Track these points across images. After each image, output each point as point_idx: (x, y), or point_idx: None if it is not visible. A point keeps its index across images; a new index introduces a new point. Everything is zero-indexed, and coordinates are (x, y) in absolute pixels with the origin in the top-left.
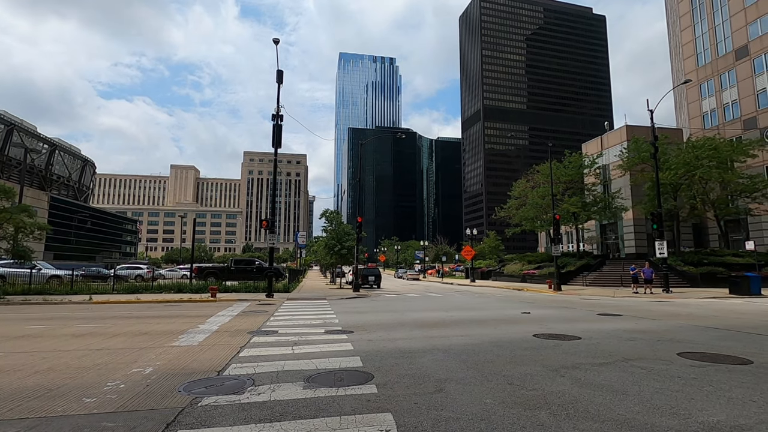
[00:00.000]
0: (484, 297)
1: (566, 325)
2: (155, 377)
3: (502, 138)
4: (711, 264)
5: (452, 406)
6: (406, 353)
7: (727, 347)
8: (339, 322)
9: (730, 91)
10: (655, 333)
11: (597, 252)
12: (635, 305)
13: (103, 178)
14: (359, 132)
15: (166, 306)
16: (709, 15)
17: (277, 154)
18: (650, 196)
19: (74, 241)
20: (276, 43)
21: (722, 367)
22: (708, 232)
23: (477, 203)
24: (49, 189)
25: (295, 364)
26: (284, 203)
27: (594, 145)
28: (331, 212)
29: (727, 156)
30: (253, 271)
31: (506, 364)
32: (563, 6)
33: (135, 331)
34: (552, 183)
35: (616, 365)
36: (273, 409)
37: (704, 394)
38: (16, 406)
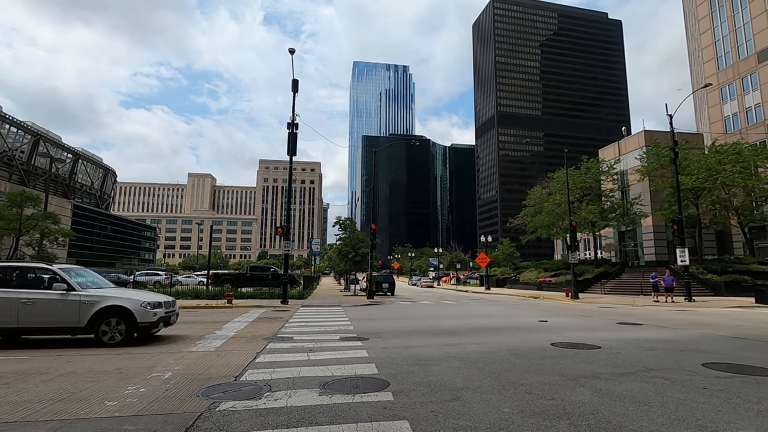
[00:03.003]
0: (500, 305)
1: (585, 333)
2: (174, 382)
3: (516, 144)
4: (735, 272)
5: (469, 415)
6: (422, 361)
7: (755, 358)
8: (354, 329)
9: (753, 94)
10: (678, 343)
11: (615, 259)
12: (656, 314)
13: (123, 186)
14: (373, 140)
15: (183, 312)
16: (730, 18)
17: (292, 162)
18: (670, 203)
19: (95, 247)
20: (292, 52)
21: (750, 379)
22: (732, 239)
23: (491, 210)
24: (72, 197)
25: (310, 371)
26: (299, 210)
27: (611, 151)
28: (345, 219)
29: (751, 161)
30: (268, 277)
31: (524, 372)
32: (578, 11)
33: (153, 336)
34: (568, 190)
35: (638, 375)
36: (290, 415)
37: (731, 407)
38: (42, 408)
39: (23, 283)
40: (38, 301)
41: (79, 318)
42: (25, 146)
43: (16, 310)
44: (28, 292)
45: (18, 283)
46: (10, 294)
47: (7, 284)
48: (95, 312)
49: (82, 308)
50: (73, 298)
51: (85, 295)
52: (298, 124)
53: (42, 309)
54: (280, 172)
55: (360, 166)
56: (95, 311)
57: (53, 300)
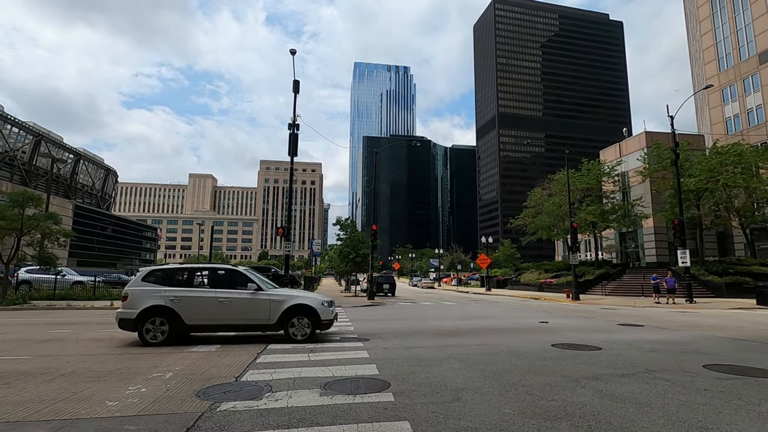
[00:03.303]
0: (501, 306)
1: (586, 335)
2: (175, 382)
3: (517, 145)
4: (736, 273)
5: (470, 416)
6: (423, 361)
7: (756, 360)
8: (354, 330)
9: (754, 95)
10: (679, 344)
11: (616, 261)
12: (657, 315)
13: (124, 186)
14: (373, 140)
15: None
16: (731, 19)
17: (293, 163)
18: (672, 204)
19: (97, 248)
20: (293, 53)
21: (751, 381)
22: (733, 240)
23: (492, 211)
24: (73, 197)
25: (311, 371)
26: (299, 211)
27: (612, 152)
28: (346, 220)
29: (753, 162)
30: (268, 278)
31: (525, 373)
32: (579, 13)
33: None
34: (569, 191)
35: (639, 377)
36: (291, 415)
37: (733, 408)
38: (44, 408)
39: (217, 284)
40: (234, 300)
41: (269, 315)
42: (27, 146)
43: (215, 309)
44: (225, 292)
45: (212, 284)
46: (210, 293)
47: (203, 284)
48: (284, 310)
49: (272, 306)
50: (263, 297)
51: (274, 295)
52: (299, 124)
53: (238, 307)
54: (281, 172)
55: (361, 167)
56: (284, 309)
57: (247, 299)
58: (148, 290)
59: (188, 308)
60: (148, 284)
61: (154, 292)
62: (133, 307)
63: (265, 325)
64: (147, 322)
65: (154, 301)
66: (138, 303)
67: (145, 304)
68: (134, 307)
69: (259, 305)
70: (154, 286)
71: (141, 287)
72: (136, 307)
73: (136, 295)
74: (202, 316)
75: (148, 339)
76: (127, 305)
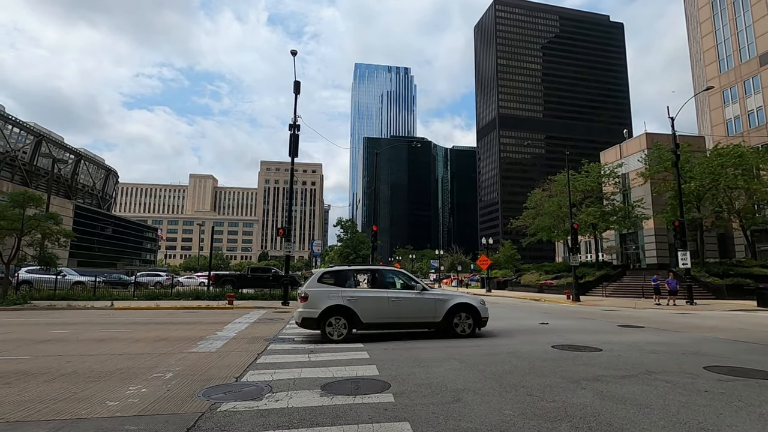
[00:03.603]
0: (501, 307)
1: (586, 336)
2: (175, 382)
3: (517, 146)
4: (737, 275)
5: (471, 417)
6: (423, 362)
7: (757, 361)
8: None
9: (755, 97)
10: (680, 346)
11: (617, 262)
12: (658, 317)
13: (125, 186)
14: (374, 141)
15: (184, 313)
16: (731, 21)
17: (293, 164)
18: (672, 205)
19: (97, 248)
20: (294, 54)
21: (752, 382)
22: (734, 242)
23: (492, 212)
24: (74, 197)
25: (311, 372)
26: (300, 212)
27: (612, 154)
28: (347, 221)
29: (754, 164)
30: (269, 279)
31: (525, 374)
32: (579, 14)
33: (155, 337)
34: (569, 192)
35: (639, 378)
36: (291, 415)
37: (733, 410)
38: (44, 408)
39: (384, 284)
40: (404, 300)
41: (435, 313)
42: (28, 147)
43: (388, 308)
44: (395, 292)
45: (381, 284)
46: (383, 293)
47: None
48: (449, 308)
49: (438, 305)
50: (429, 297)
51: (438, 294)
52: (299, 125)
53: (407, 306)
54: (281, 173)
55: (361, 168)
56: (449, 307)
57: (415, 298)
58: (326, 291)
59: (364, 307)
60: (324, 285)
61: (333, 292)
62: (315, 307)
63: (431, 322)
64: (328, 321)
65: (333, 301)
66: (319, 303)
67: (325, 304)
68: (316, 307)
69: (425, 304)
70: (330, 287)
71: (319, 288)
72: (317, 306)
73: (316, 296)
74: (376, 315)
75: (331, 336)
76: (309, 305)
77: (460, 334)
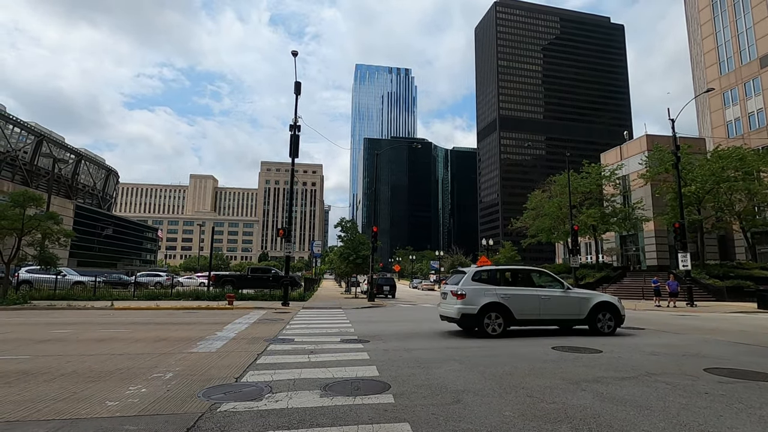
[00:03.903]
0: None
1: (586, 338)
2: (175, 383)
3: (518, 148)
4: (737, 277)
5: (471, 418)
6: (423, 363)
7: (757, 363)
8: (355, 331)
9: (755, 99)
10: (680, 347)
11: (617, 264)
12: (658, 319)
13: (125, 186)
14: (374, 142)
15: (184, 313)
16: (732, 23)
17: (294, 164)
18: (673, 207)
19: (97, 248)
20: (294, 55)
21: (752, 384)
22: (734, 244)
23: (493, 213)
24: (74, 197)
25: (311, 372)
26: (300, 213)
27: (613, 155)
28: (347, 222)
29: (754, 167)
30: (269, 279)
31: (525, 376)
32: (580, 16)
33: (155, 337)
34: (570, 194)
35: (640, 380)
36: (291, 416)
37: (734, 412)
38: (44, 408)
39: (529, 283)
40: (552, 298)
41: (579, 311)
42: (29, 147)
43: (538, 305)
44: (544, 290)
45: (526, 282)
46: (533, 291)
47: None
48: (592, 307)
49: (582, 303)
50: (574, 295)
51: (582, 293)
52: (300, 126)
53: (555, 304)
54: (281, 173)
55: (362, 169)
56: (592, 306)
57: (561, 296)
58: (481, 289)
59: (517, 304)
60: (478, 283)
61: (488, 290)
62: (474, 304)
63: (575, 320)
64: (485, 317)
65: (489, 299)
66: (476, 300)
67: (483, 301)
68: (474, 304)
69: (571, 302)
70: (485, 285)
71: (474, 286)
72: (476, 303)
73: (473, 294)
74: (528, 312)
75: (489, 331)
76: (467, 302)
77: (602, 331)
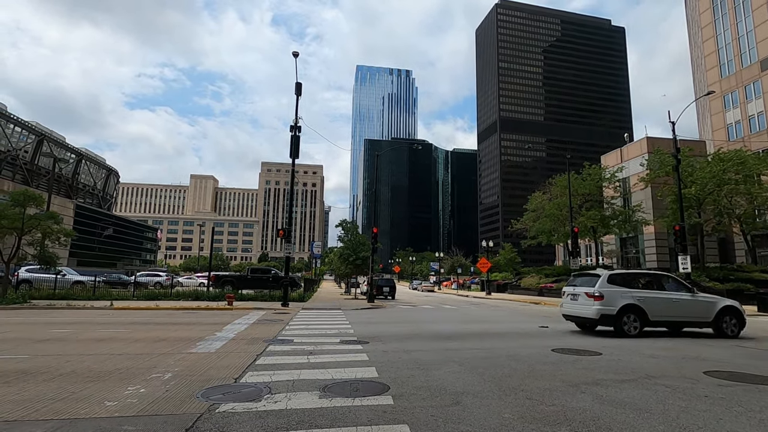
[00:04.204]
0: (501, 310)
1: (586, 340)
2: (174, 383)
3: (518, 149)
4: (737, 280)
5: (470, 420)
6: (422, 365)
7: (757, 366)
8: (354, 333)
9: (756, 102)
10: (680, 350)
11: (617, 266)
12: None
13: (125, 186)
14: (375, 143)
15: (184, 313)
16: (733, 26)
17: (294, 165)
18: (673, 210)
19: (97, 248)
20: (295, 56)
21: (752, 387)
22: (734, 246)
23: (493, 215)
24: (74, 197)
25: (310, 374)
26: (300, 213)
27: (613, 157)
28: (348, 223)
29: (755, 170)
30: (269, 279)
31: (524, 378)
32: (581, 18)
33: (154, 337)
34: (570, 195)
35: (639, 382)
36: (289, 417)
37: (733, 415)
38: (42, 407)
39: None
40: (682, 301)
41: (707, 314)
42: (29, 146)
43: (669, 307)
44: (674, 294)
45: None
46: (664, 295)
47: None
48: (719, 310)
49: (708, 307)
50: (701, 299)
51: (708, 297)
52: (300, 127)
53: (684, 306)
54: (282, 174)
55: (362, 170)
56: (718, 309)
57: (690, 300)
58: (618, 291)
59: (651, 307)
60: (614, 286)
61: (624, 293)
62: (612, 305)
63: (702, 322)
64: (623, 318)
65: (626, 301)
66: (614, 302)
67: (620, 303)
68: (613, 305)
69: (698, 305)
70: (620, 288)
71: (611, 288)
72: (614, 305)
73: (611, 295)
74: (660, 314)
75: (627, 331)
76: (605, 303)
77: (726, 334)
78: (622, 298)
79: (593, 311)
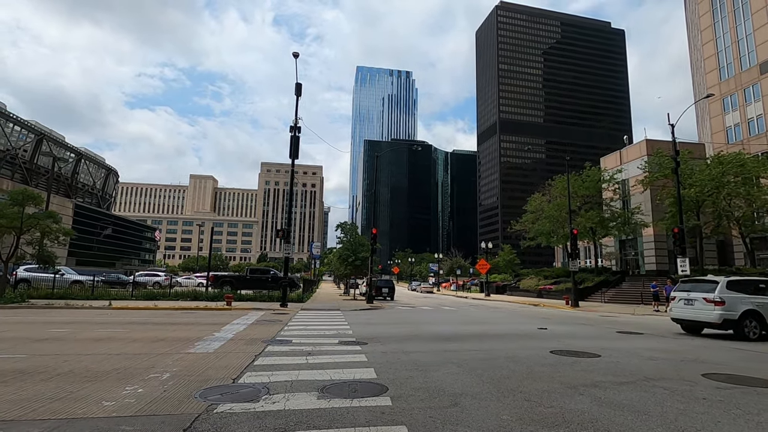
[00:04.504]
0: (500, 311)
1: (585, 342)
2: (172, 383)
3: (518, 151)
4: None
5: (468, 421)
6: (421, 366)
7: (755, 369)
8: (353, 333)
9: (755, 105)
10: (678, 353)
11: (616, 268)
12: (656, 323)
13: (125, 186)
14: (375, 144)
15: (182, 313)
16: (732, 29)
17: (294, 166)
18: (672, 212)
19: (96, 247)
20: (296, 56)
21: (750, 390)
22: (733, 249)
23: (492, 216)
24: (74, 196)
25: (309, 374)
26: (300, 214)
27: (613, 159)
28: (347, 224)
29: (755, 173)
30: (268, 280)
31: (523, 379)
32: (581, 20)
33: (152, 338)
34: (569, 197)
35: (638, 385)
36: (288, 418)
37: (731, 417)
38: (40, 407)
39: None
40: None
41: None
42: (29, 145)
43: None
44: None
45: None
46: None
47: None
48: None
49: None
50: None
51: None
52: (300, 127)
53: None
54: (281, 174)
55: (362, 171)
56: None
57: None
58: (737, 297)
59: None
60: (732, 292)
61: (744, 299)
62: (734, 310)
63: None
64: (744, 322)
65: (746, 306)
66: (735, 307)
67: (741, 309)
68: (735, 310)
69: None
70: (739, 294)
71: (731, 294)
72: (735, 310)
73: (731, 301)
74: None
75: (748, 334)
76: (727, 309)
77: None
78: (743, 304)
79: (715, 316)
